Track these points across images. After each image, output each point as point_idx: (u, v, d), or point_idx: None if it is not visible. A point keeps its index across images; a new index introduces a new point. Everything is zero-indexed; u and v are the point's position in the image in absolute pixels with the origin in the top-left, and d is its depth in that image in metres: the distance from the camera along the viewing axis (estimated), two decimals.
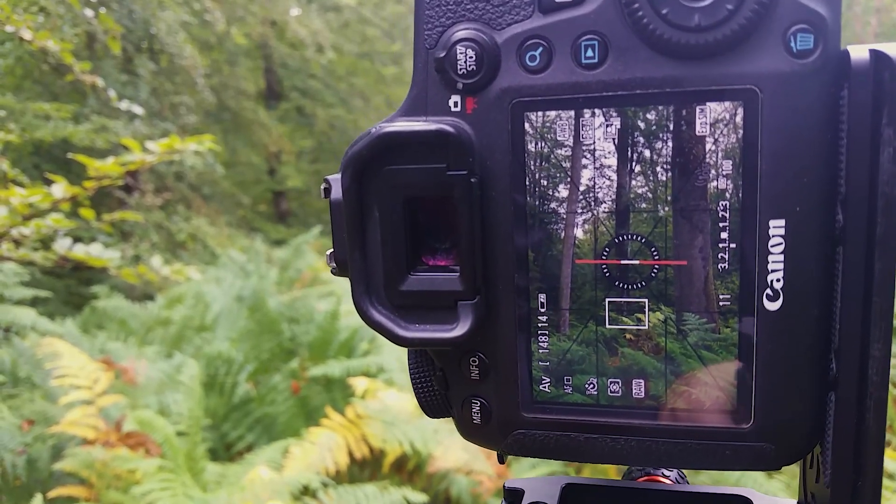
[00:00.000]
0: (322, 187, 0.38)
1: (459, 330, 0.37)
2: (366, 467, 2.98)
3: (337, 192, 0.37)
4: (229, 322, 3.96)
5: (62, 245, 2.59)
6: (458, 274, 0.37)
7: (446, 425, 2.79)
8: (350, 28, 11.41)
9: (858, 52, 0.31)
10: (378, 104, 11.35)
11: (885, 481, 2.30)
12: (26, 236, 2.58)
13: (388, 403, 2.86)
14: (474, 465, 2.64)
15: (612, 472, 2.17)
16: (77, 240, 2.76)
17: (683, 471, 0.50)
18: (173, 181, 7.99)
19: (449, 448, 2.67)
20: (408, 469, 2.96)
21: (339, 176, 0.37)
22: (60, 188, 2.47)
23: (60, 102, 6.21)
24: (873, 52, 0.31)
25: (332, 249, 0.39)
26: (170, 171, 7.60)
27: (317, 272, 5.61)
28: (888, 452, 2.51)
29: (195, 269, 3.23)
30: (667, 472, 0.48)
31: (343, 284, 4.93)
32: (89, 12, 4.43)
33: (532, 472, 2.60)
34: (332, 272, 0.39)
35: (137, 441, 2.77)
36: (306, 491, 2.39)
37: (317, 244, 6.69)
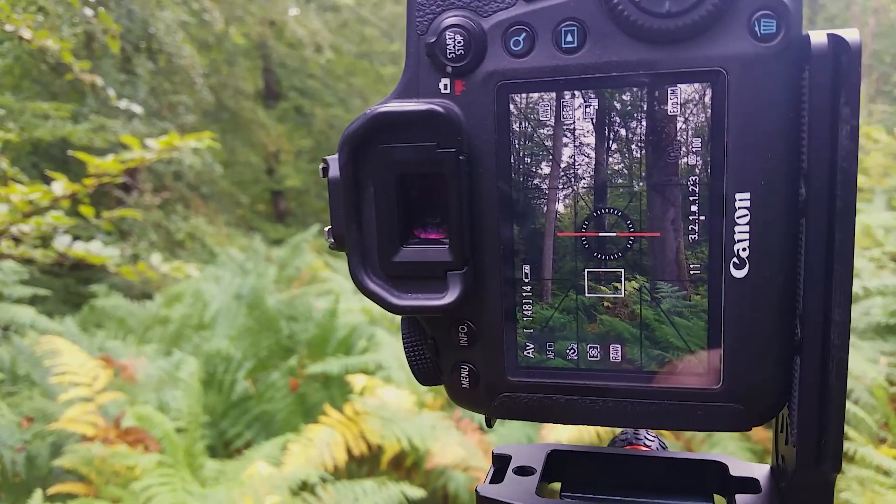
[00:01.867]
0: (321, 167, 0.41)
1: (449, 298, 0.39)
2: (364, 464, 2.99)
3: (334, 171, 0.39)
4: (228, 320, 3.98)
5: (62, 242, 2.61)
6: (447, 246, 0.39)
7: (444, 421, 2.81)
8: (348, 28, 11.43)
9: (818, 37, 0.34)
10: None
11: (881, 477, 2.33)
12: (26, 234, 2.59)
13: (386, 400, 2.88)
14: (472, 462, 2.66)
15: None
16: (76, 238, 2.77)
17: (665, 440, 0.52)
18: (172, 180, 8.00)
19: (447, 444, 2.69)
20: (406, 465, 2.97)
21: (336, 156, 0.40)
22: (60, 185, 2.49)
23: (59, 101, 6.22)
24: (832, 37, 0.33)
25: (329, 226, 0.41)
26: (168, 171, 7.62)
27: (315, 271, 5.63)
28: (885, 449, 2.53)
29: (194, 266, 3.24)
30: (648, 441, 0.50)
31: (341, 283, 4.95)
32: (88, 12, 4.45)
33: None
34: (329, 247, 0.41)
35: (136, 438, 2.78)
36: (305, 486, 2.41)
37: (315, 243, 6.70)
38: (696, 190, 0.36)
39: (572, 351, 0.40)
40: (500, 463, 0.47)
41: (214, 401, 3.30)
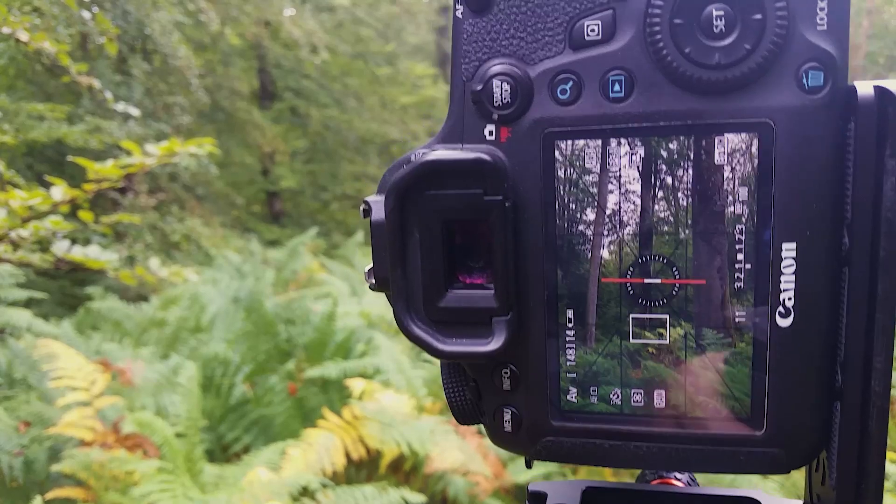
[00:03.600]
0: (361, 208, 0.41)
1: (494, 344, 0.39)
2: (363, 468, 2.99)
3: (378, 214, 0.39)
4: (226, 323, 3.97)
5: (60, 247, 2.60)
6: (492, 291, 0.39)
7: (443, 426, 2.81)
8: (344, 28, 11.41)
9: (864, 88, 0.34)
10: (372, 104, 11.35)
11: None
12: (24, 238, 2.58)
13: (385, 404, 2.88)
14: (471, 466, 2.66)
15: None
16: (73, 241, 2.76)
17: (694, 474, 0.52)
18: (167, 182, 7.97)
19: (446, 449, 2.69)
20: (405, 470, 2.98)
21: (378, 198, 0.40)
22: (60, 191, 2.48)
23: (54, 103, 6.19)
24: (878, 89, 0.34)
25: (370, 266, 0.41)
26: (164, 172, 7.58)
27: (312, 273, 5.62)
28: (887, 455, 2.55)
29: (193, 270, 3.23)
30: (678, 475, 0.51)
31: (338, 286, 4.95)
32: (84, 13, 4.43)
33: (525, 476, 2.63)
34: (370, 287, 0.41)
35: (135, 442, 2.78)
36: (305, 492, 2.41)
37: (312, 245, 6.69)
38: (743, 238, 0.36)
39: (616, 396, 0.40)
40: (537, 501, 0.47)
41: (213, 405, 3.29)
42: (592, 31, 0.37)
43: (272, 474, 2.46)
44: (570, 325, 0.40)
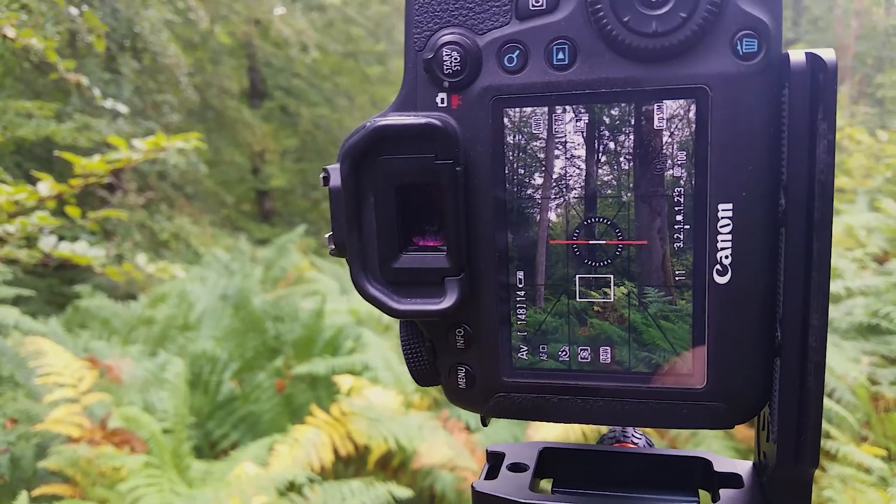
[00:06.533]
0: (321, 176, 0.42)
1: (446, 303, 0.41)
2: (351, 464, 3.00)
3: (335, 181, 0.41)
4: (214, 321, 3.97)
5: (47, 243, 2.59)
6: (445, 253, 0.41)
7: (431, 422, 2.82)
8: (334, 27, 11.40)
9: (797, 55, 0.36)
10: (362, 103, 11.34)
11: (862, 475, 2.37)
12: (11, 234, 2.58)
13: (373, 401, 2.89)
14: (458, 461, 2.67)
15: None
16: (61, 238, 2.75)
17: (650, 439, 0.54)
18: (156, 180, 7.95)
19: (433, 444, 2.70)
20: (393, 466, 2.99)
21: (337, 166, 0.41)
22: (46, 186, 2.48)
23: (43, 100, 6.16)
24: (809, 55, 0.35)
25: (330, 233, 0.43)
26: (153, 171, 7.57)
27: (301, 271, 5.62)
28: (866, 447, 2.57)
29: (180, 267, 3.23)
30: (636, 439, 0.52)
31: (327, 284, 4.95)
32: (73, 10, 4.42)
33: None
34: (330, 253, 0.43)
35: (122, 439, 2.77)
36: (292, 487, 2.41)
37: (301, 243, 6.69)
38: (682, 200, 0.38)
39: (564, 353, 0.42)
40: (495, 460, 0.49)
41: (200, 402, 3.29)
42: (537, 1, 0.38)
43: (259, 469, 2.46)
44: (520, 286, 0.42)
